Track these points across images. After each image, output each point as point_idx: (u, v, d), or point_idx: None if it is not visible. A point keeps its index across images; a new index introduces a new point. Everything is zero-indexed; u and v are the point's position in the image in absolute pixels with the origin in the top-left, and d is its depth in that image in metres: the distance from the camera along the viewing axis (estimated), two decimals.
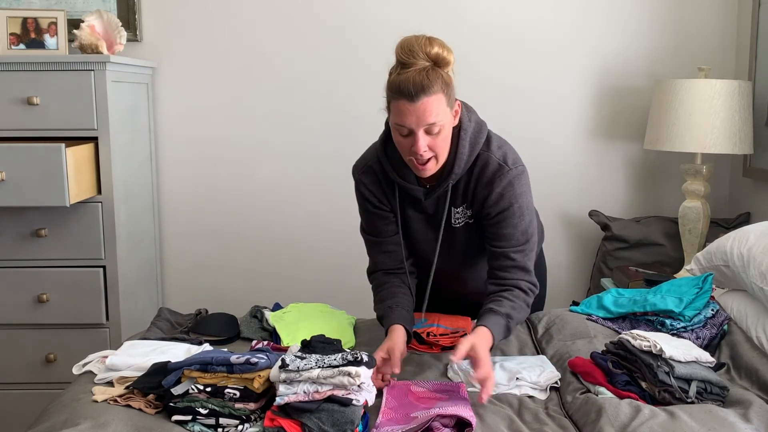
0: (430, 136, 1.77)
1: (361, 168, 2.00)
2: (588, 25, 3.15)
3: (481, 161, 1.89)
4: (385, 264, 2.00)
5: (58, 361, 2.76)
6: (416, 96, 1.72)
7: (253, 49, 3.18)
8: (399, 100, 1.75)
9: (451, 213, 1.95)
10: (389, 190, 1.97)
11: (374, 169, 1.97)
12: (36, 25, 2.80)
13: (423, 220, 1.99)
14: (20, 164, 2.45)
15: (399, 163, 1.91)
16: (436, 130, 1.77)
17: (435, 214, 1.97)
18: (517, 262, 1.90)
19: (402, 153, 1.85)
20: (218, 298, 3.17)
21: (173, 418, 1.56)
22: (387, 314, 1.92)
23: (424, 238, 2.01)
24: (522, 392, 1.74)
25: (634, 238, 3.03)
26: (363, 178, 1.98)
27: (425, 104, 1.73)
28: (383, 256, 2.00)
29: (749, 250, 2.02)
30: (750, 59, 2.98)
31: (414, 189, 1.91)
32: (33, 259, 2.72)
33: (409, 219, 1.99)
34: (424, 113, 1.73)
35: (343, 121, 3.20)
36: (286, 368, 1.54)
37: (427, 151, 1.79)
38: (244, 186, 3.25)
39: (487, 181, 1.88)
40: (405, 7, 3.14)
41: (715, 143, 2.74)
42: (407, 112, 1.74)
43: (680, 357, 1.66)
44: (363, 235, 2.05)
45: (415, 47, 1.76)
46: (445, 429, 1.51)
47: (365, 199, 1.99)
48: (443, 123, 1.78)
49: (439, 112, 1.75)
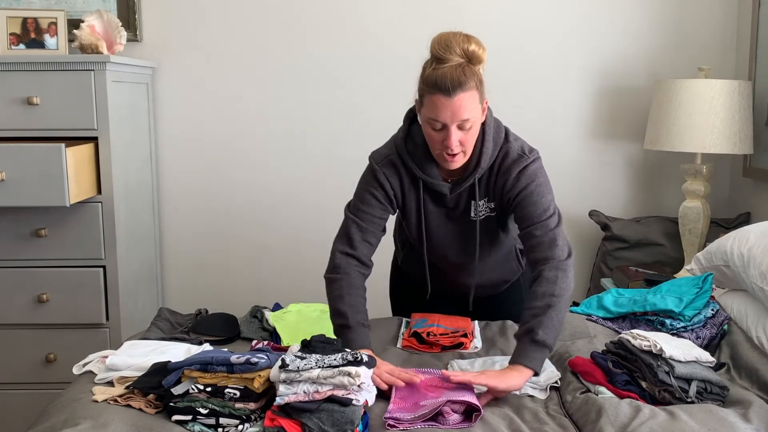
0: (462, 131, 1.81)
1: (383, 160, 1.98)
2: (588, 25, 3.16)
3: (502, 153, 1.95)
4: (363, 254, 1.97)
5: (58, 361, 2.76)
6: (453, 91, 1.76)
7: (253, 49, 3.18)
8: (435, 94, 1.78)
9: (472, 206, 1.99)
10: (409, 185, 1.98)
11: (396, 163, 1.97)
12: (36, 25, 2.80)
13: (443, 215, 2.02)
14: (20, 164, 2.45)
15: (421, 159, 1.94)
16: (468, 126, 1.81)
17: (455, 207, 2.00)
18: (540, 238, 1.90)
19: (431, 146, 1.88)
20: (218, 298, 3.17)
21: (173, 417, 1.56)
22: (360, 333, 1.86)
23: (444, 232, 2.04)
24: (522, 392, 1.74)
25: (634, 238, 3.03)
26: (385, 170, 1.97)
27: (461, 100, 1.77)
28: (364, 245, 1.97)
29: (749, 250, 2.02)
30: (750, 59, 2.99)
31: (439, 185, 1.94)
32: (33, 259, 2.72)
33: (429, 214, 2.01)
34: (459, 109, 1.77)
35: (343, 121, 3.20)
36: (286, 368, 1.54)
37: (458, 146, 1.83)
38: (244, 186, 3.25)
39: (506, 169, 1.93)
40: (405, 7, 3.14)
41: (715, 143, 2.74)
42: (443, 107, 1.78)
43: (680, 357, 1.66)
44: (350, 217, 1.99)
45: (452, 43, 1.79)
46: (454, 414, 1.55)
47: (381, 189, 1.97)
48: (475, 119, 1.82)
49: (472, 109, 1.79)
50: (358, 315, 1.88)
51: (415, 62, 2.13)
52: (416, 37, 3.12)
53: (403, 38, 3.14)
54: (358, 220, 1.97)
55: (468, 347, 2.00)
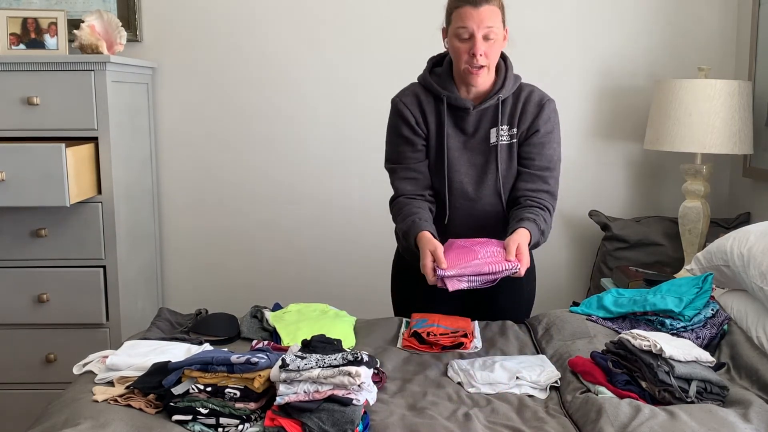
0: (487, 42, 1.98)
1: (403, 92, 2.15)
2: (588, 25, 3.16)
3: (528, 89, 2.13)
4: (407, 190, 2.11)
5: (58, 361, 2.76)
6: (479, 2, 1.97)
7: (252, 50, 3.18)
8: (462, 6, 1.98)
9: (492, 133, 2.08)
10: (430, 111, 2.09)
11: (416, 92, 2.12)
12: (36, 25, 2.80)
13: (462, 142, 2.10)
14: (20, 164, 2.45)
15: (445, 81, 2.08)
16: (492, 36, 1.98)
17: (476, 132, 2.09)
18: (550, 186, 2.11)
19: (457, 61, 2.03)
20: (218, 298, 3.17)
21: (173, 417, 1.56)
22: (411, 226, 2.03)
23: (461, 159, 2.11)
24: (522, 391, 1.74)
25: (634, 238, 3.03)
26: (404, 99, 2.12)
27: (486, 10, 1.97)
28: (406, 182, 2.11)
29: (749, 250, 2.02)
30: (750, 59, 2.99)
31: (463, 100, 2.06)
32: (33, 259, 2.72)
33: (448, 137, 2.09)
34: (485, 17, 1.96)
35: (343, 121, 3.21)
36: (287, 368, 1.54)
37: (482, 57, 1.98)
38: (244, 186, 3.25)
39: (536, 102, 2.10)
40: (405, 7, 3.14)
41: (715, 143, 2.74)
42: (469, 16, 1.97)
43: (680, 357, 1.66)
44: (387, 166, 2.16)
45: None
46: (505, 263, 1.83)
47: (403, 120, 2.10)
48: (498, 34, 2.00)
49: (496, 21, 1.98)
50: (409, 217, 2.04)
51: (416, 62, 2.14)
52: (417, 37, 3.13)
53: (404, 39, 3.14)
54: (392, 165, 2.14)
55: (468, 347, 2.00)
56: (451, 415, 1.61)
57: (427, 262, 1.89)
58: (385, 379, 1.79)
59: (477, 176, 2.11)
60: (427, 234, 1.97)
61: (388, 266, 2.39)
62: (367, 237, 3.23)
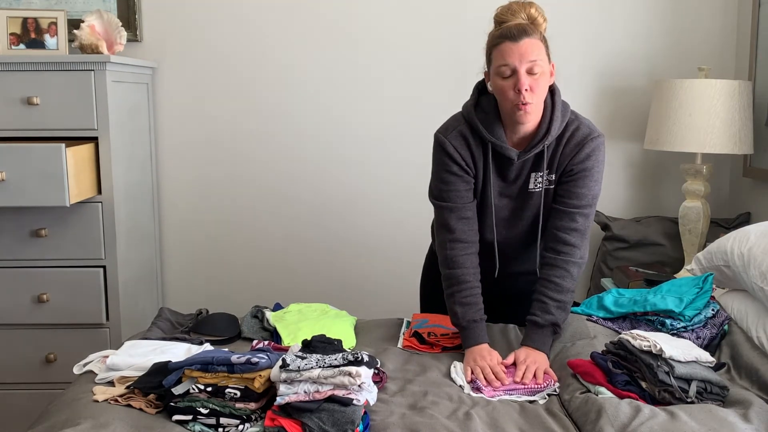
0: (531, 76, 1.88)
1: (450, 132, 2.03)
2: (588, 25, 3.16)
3: (572, 127, 2.01)
4: (464, 231, 2.02)
5: (58, 361, 2.76)
6: (518, 36, 1.87)
7: (252, 49, 3.18)
8: (502, 43, 1.88)
9: (531, 178, 2.02)
10: (478, 154, 2.01)
11: (464, 133, 2.01)
12: (36, 25, 2.80)
13: (501, 187, 2.04)
14: (20, 164, 2.45)
15: (491, 124, 1.98)
16: (536, 70, 1.87)
17: (516, 179, 2.03)
18: (578, 224, 1.99)
19: (503, 101, 1.93)
20: (218, 298, 3.17)
21: (174, 417, 1.56)
22: (473, 330, 1.97)
23: (500, 204, 2.05)
24: (521, 399, 1.75)
25: (634, 238, 3.03)
26: (452, 140, 2.01)
27: (527, 44, 1.87)
28: (462, 222, 2.02)
29: (749, 250, 2.02)
30: (750, 59, 2.99)
31: (508, 149, 1.97)
32: (33, 259, 2.72)
33: (487, 183, 2.03)
34: (525, 51, 1.86)
35: (343, 121, 3.20)
36: (287, 368, 1.54)
37: (528, 92, 1.87)
38: (245, 186, 3.25)
39: (577, 142, 1.99)
40: (405, 6, 3.14)
41: (715, 143, 2.74)
42: (510, 52, 1.87)
43: (680, 357, 1.66)
44: (436, 204, 2.06)
45: (515, 8, 1.93)
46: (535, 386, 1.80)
47: (453, 161, 2.01)
48: (543, 68, 1.89)
49: (540, 54, 1.88)
50: (469, 312, 1.97)
51: (417, 63, 2.14)
52: (417, 38, 3.13)
53: (405, 39, 3.13)
54: (445, 203, 2.03)
55: None
56: (452, 415, 1.61)
57: (488, 374, 1.84)
58: (386, 379, 1.79)
59: (511, 219, 2.07)
60: (486, 347, 1.94)
61: (388, 266, 2.40)
62: (368, 237, 3.22)
